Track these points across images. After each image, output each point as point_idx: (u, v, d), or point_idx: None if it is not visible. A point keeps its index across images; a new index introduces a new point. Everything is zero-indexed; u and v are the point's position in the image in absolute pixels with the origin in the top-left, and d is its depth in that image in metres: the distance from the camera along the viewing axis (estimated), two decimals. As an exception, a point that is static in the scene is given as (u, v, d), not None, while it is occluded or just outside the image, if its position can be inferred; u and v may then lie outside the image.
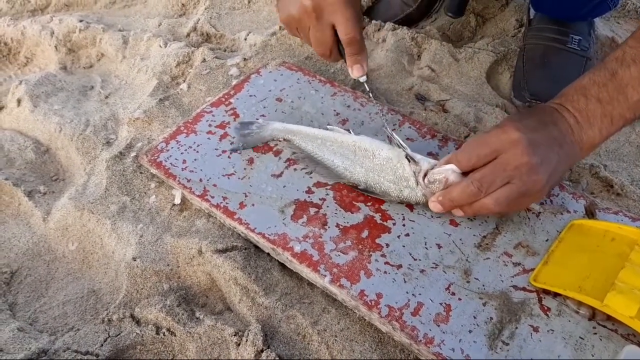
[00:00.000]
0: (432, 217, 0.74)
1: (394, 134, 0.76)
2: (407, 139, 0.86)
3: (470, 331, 0.63)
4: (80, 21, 1.14)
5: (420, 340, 0.62)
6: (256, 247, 0.74)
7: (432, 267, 0.69)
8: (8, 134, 0.95)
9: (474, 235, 0.73)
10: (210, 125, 0.87)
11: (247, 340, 0.66)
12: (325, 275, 0.68)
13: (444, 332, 0.62)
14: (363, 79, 0.76)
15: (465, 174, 0.68)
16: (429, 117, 0.93)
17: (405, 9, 1.16)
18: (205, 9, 1.20)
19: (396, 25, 1.12)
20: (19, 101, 0.99)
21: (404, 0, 1.16)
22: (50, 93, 1.01)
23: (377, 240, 0.72)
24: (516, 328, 0.63)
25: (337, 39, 0.75)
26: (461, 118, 0.94)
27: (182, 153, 0.83)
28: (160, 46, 1.08)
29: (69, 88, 1.03)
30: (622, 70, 0.63)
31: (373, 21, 1.15)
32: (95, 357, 0.66)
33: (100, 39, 1.12)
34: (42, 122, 0.95)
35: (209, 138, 0.85)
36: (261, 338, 0.65)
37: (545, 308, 0.65)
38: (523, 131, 0.63)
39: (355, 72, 0.75)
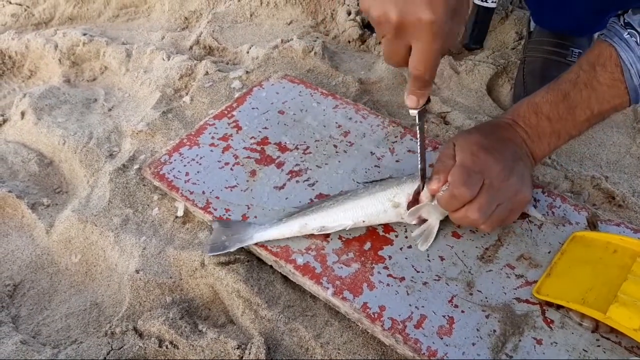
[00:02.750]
0: (434, 229, 0.74)
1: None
2: (409, 151, 0.86)
3: (473, 344, 0.63)
4: (84, 34, 1.15)
5: (424, 353, 0.62)
6: (259, 259, 0.74)
7: (435, 280, 0.69)
8: (12, 146, 0.96)
9: (476, 247, 0.73)
10: (213, 138, 0.88)
11: (249, 353, 0.65)
12: (327, 288, 0.68)
13: (447, 345, 0.62)
14: (413, 112, 0.69)
15: None
16: (430, 129, 0.93)
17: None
18: (208, 22, 1.21)
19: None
20: (22, 114, 1.00)
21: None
22: (54, 106, 1.02)
23: (380, 253, 0.72)
24: (519, 341, 0.63)
25: None
26: (462, 130, 0.94)
27: (184, 165, 0.83)
28: (163, 59, 1.09)
29: (73, 101, 1.04)
30: (573, 92, 0.68)
31: (374, 34, 1.16)
32: (97, 371, 0.66)
33: (103, 52, 1.14)
34: (46, 135, 0.95)
35: (211, 150, 0.86)
36: (264, 351, 0.65)
37: (549, 320, 0.65)
38: (492, 153, 0.67)
39: (409, 102, 0.69)
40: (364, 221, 0.73)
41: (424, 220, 0.73)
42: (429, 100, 0.70)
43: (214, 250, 0.73)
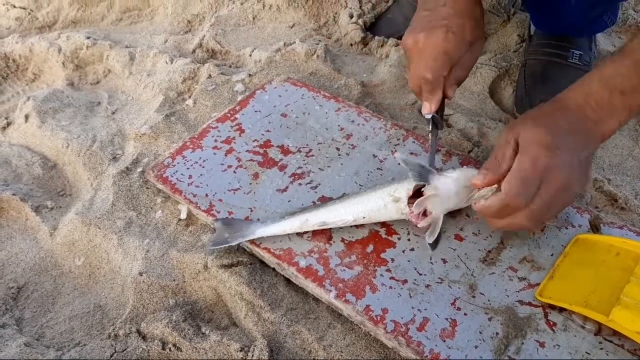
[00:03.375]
0: (436, 231, 0.74)
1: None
2: (411, 153, 0.86)
3: (476, 346, 0.63)
4: (88, 38, 1.16)
5: (426, 356, 0.62)
6: (262, 262, 0.75)
7: (438, 282, 0.69)
8: (16, 149, 0.96)
9: (479, 249, 0.73)
10: (216, 141, 0.88)
11: (252, 355, 0.66)
12: (330, 291, 0.68)
13: (449, 348, 0.62)
14: (427, 115, 0.77)
15: None
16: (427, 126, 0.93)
17: (408, 25, 1.17)
18: (211, 25, 1.22)
19: (399, 41, 1.13)
20: (26, 117, 1.01)
21: (407, 16, 1.18)
22: (58, 109, 1.02)
23: (382, 255, 0.72)
24: (522, 343, 0.63)
25: None
26: (465, 133, 0.94)
27: (188, 168, 0.84)
28: (167, 62, 1.10)
29: (76, 104, 1.05)
30: None
31: (376, 37, 1.16)
32: (101, 373, 0.66)
33: (107, 55, 1.14)
34: (50, 138, 0.96)
35: (214, 153, 0.86)
36: (267, 353, 0.65)
37: (551, 323, 0.65)
38: (554, 152, 0.62)
39: (423, 109, 0.78)
40: (364, 217, 0.73)
41: (425, 216, 0.72)
42: (443, 109, 0.77)
43: (216, 245, 0.73)
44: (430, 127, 0.78)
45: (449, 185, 0.71)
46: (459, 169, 0.73)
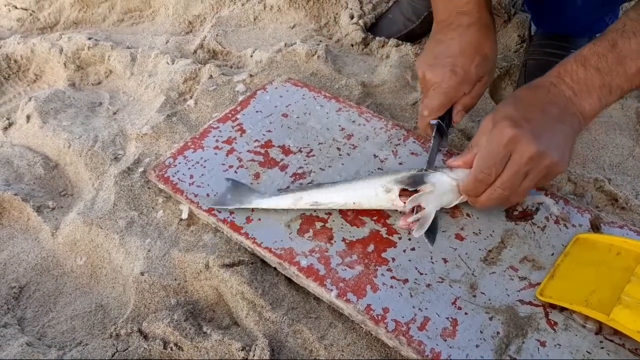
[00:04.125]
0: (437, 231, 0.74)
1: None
2: (412, 153, 0.86)
3: (477, 346, 0.63)
4: (89, 39, 1.16)
5: (427, 355, 0.62)
6: (263, 261, 0.75)
7: (439, 282, 0.69)
8: (17, 149, 0.97)
9: (479, 249, 0.73)
10: (217, 141, 0.88)
11: (254, 354, 0.66)
12: (331, 290, 0.68)
13: (450, 347, 0.63)
14: (433, 122, 0.79)
15: None
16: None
17: (409, 25, 1.18)
18: (212, 26, 1.22)
19: (400, 42, 1.13)
20: (28, 117, 1.01)
21: (407, 16, 1.18)
22: (59, 109, 1.02)
23: (383, 255, 0.72)
24: (523, 343, 0.63)
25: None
26: (465, 132, 0.95)
27: (189, 168, 0.84)
28: (168, 63, 1.10)
29: (78, 104, 1.05)
30: (622, 41, 0.65)
31: (377, 38, 1.16)
32: (103, 372, 0.66)
33: (108, 56, 1.14)
34: (51, 138, 0.96)
35: (216, 153, 0.86)
36: (268, 353, 0.66)
37: (552, 322, 0.65)
38: (520, 124, 0.65)
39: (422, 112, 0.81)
40: (354, 202, 0.75)
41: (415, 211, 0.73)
42: (450, 118, 0.80)
43: (216, 204, 0.77)
44: (434, 133, 0.79)
45: (444, 183, 0.72)
46: (452, 170, 0.73)
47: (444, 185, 0.72)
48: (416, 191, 0.72)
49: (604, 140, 0.97)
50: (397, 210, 0.76)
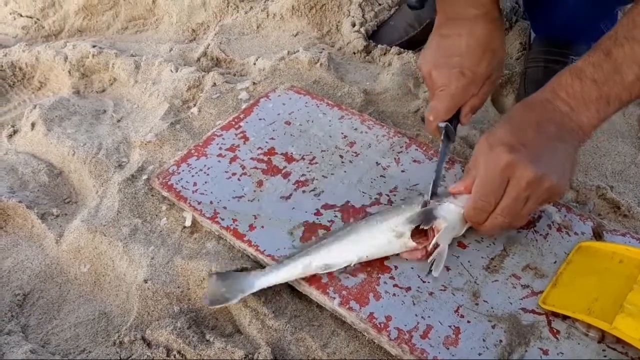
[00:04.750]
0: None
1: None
2: (414, 160, 0.87)
3: (479, 354, 0.63)
4: (94, 46, 1.17)
5: (430, 363, 0.62)
6: (266, 269, 0.75)
7: (441, 290, 0.69)
8: (22, 157, 0.97)
9: (482, 257, 0.73)
10: (220, 149, 0.89)
11: (257, 362, 0.66)
12: (334, 298, 0.68)
13: (453, 355, 0.63)
14: (442, 124, 0.78)
15: None
16: (435, 139, 0.94)
17: (410, 32, 1.18)
18: (215, 34, 1.23)
19: (402, 49, 1.14)
20: (33, 125, 1.02)
21: (409, 22, 1.19)
22: (64, 117, 1.03)
23: (386, 263, 0.72)
24: (526, 351, 0.63)
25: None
26: (467, 140, 0.95)
27: (192, 176, 0.84)
28: (172, 71, 1.10)
29: (82, 112, 1.06)
30: (615, 49, 0.62)
31: (379, 45, 1.17)
32: (106, 380, 0.67)
33: (112, 63, 1.15)
34: (56, 146, 0.97)
35: (219, 161, 0.87)
36: (271, 360, 0.66)
37: (555, 331, 0.65)
38: (516, 148, 0.63)
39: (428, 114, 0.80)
40: (367, 256, 0.71)
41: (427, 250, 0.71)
42: (457, 122, 0.78)
43: (214, 304, 0.70)
44: (442, 136, 0.79)
45: (453, 213, 0.70)
46: (460, 195, 0.71)
47: (453, 216, 0.70)
48: (427, 231, 0.70)
49: (606, 148, 0.97)
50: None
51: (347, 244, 0.71)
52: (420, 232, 0.71)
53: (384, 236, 0.71)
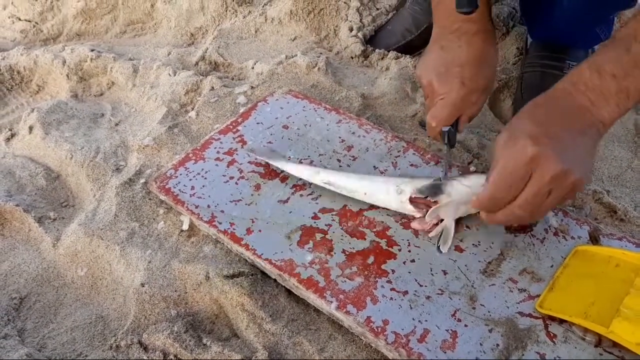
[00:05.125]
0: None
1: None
2: (412, 165, 0.87)
3: (477, 358, 0.63)
4: (92, 50, 1.17)
5: (427, 367, 0.62)
6: (263, 273, 0.75)
7: (438, 294, 0.69)
8: (20, 160, 0.97)
9: (479, 261, 0.73)
10: (218, 152, 0.89)
11: (254, 366, 0.66)
12: (331, 302, 0.68)
13: (450, 359, 0.63)
14: (445, 129, 0.80)
15: None
16: (432, 143, 0.94)
17: (407, 36, 1.19)
18: (214, 38, 1.23)
19: (399, 54, 1.14)
20: (30, 128, 1.02)
21: (407, 27, 1.19)
22: (62, 120, 1.03)
23: (383, 267, 0.72)
24: (523, 355, 0.63)
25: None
26: (465, 144, 0.95)
27: (190, 180, 0.84)
28: (170, 75, 1.11)
29: (80, 115, 1.06)
30: (635, 45, 0.63)
31: (377, 50, 1.17)
32: (103, 384, 0.66)
33: (111, 67, 1.15)
34: (53, 149, 0.97)
35: (217, 165, 0.87)
36: (268, 365, 0.66)
37: (552, 335, 0.65)
38: (541, 141, 0.62)
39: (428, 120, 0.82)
40: (365, 193, 0.78)
41: (435, 225, 0.75)
42: (456, 128, 0.81)
43: (254, 153, 0.86)
44: (446, 140, 0.81)
45: (461, 193, 0.73)
46: (470, 175, 0.75)
47: (461, 195, 0.73)
48: (428, 200, 0.73)
49: (602, 153, 0.97)
50: (402, 218, 0.77)
51: (354, 177, 0.80)
52: (421, 202, 0.74)
53: (386, 186, 0.77)
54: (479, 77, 0.78)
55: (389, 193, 0.76)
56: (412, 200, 0.75)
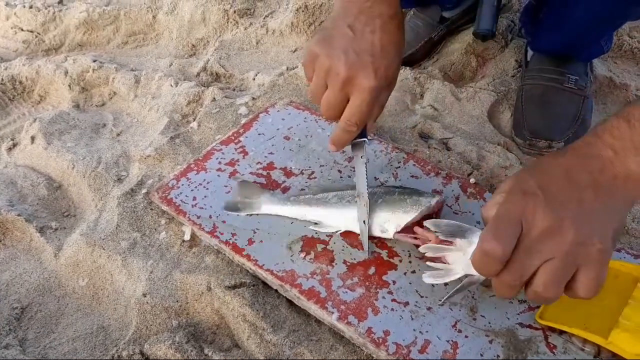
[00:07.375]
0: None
1: None
2: (412, 176, 0.88)
3: (477, 369, 0.63)
4: (94, 61, 1.18)
5: (428, 378, 0.62)
6: (264, 283, 0.75)
7: (439, 305, 0.70)
8: (21, 170, 0.98)
9: (479, 272, 0.73)
10: (220, 163, 0.90)
11: (255, 377, 0.66)
12: (332, 312, 0.69)
13: (451, 370, 0.63)
14: (359, 140, 0.74)
15: None
16: (433, 154, 0.95)
17: (408, 50, 1.20)
18: (215, 49, 1.24)
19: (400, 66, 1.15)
20: (32, 138, 1.02)
21: (407, 40, 1.20)
22: (64, 130, 1.04)
23: (384, 277, 0.73)
24: (523, 366, 0.64)
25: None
26: (464, 156, 0.96)
27: (192, 190, 0.85)
28: (171, 85, 1.12)
29: (82, 126, 1.06)
30: None
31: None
32: (104, 395, 0.66)
33: (112, 78, 1.16)
34: (55, 159, 0.97)
35: (218, 175, 0.88)
36: (269, 375, 0.66)
37: (551, 345, 0.66)
38: (532, 193, 0.55)
39: (331, 147, 0.74)
40: (353, 228, 0.77)
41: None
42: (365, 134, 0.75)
43: (228, 209, 0.82)
44: (364, 152, 0.75)
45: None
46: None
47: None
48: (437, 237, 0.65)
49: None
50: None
51: (343, 213, 0.78)
52: (412, 236, 0.69)
53: (378, 225, 0.75)
54: (391, 69, 0.69)
55: (374, 232, 0.75)
56: (399, 233, 0.72)
